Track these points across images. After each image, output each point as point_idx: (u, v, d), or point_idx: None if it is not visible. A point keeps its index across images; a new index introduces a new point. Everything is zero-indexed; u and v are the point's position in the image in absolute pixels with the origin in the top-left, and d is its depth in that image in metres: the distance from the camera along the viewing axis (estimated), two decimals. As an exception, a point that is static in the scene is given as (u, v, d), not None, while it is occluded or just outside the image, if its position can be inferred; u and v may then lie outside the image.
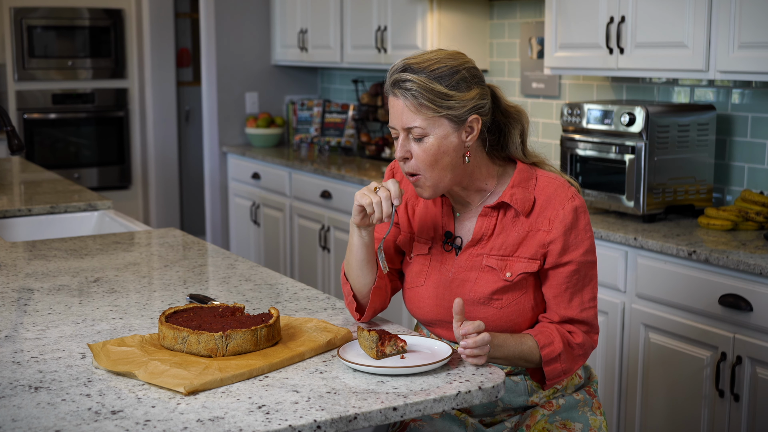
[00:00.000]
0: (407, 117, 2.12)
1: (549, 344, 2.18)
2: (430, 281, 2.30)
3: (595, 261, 2.25)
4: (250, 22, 6.63)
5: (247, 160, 6.38)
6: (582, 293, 2.23)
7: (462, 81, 2.14)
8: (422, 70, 2.12)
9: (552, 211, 2.20)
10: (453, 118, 2.13)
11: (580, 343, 2.23)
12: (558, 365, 2.20)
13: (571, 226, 2.19)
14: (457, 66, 2.14)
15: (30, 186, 4.56)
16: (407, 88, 2.11)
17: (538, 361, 2.19)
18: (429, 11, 5.01)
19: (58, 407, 1.73)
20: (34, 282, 2.70)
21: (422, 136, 2.13)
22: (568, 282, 2.21)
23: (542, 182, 2.24)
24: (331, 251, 5.42)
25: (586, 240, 2.21)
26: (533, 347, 2.17)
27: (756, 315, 3.05)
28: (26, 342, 2.14)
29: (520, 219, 2.22)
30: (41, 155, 7.59)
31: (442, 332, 2.32)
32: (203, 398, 1.78)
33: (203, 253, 3.12)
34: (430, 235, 2.32)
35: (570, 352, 2.21)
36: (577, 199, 2.22)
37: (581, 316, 2.23)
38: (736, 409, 3.13)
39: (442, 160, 2.14)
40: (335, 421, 1.70)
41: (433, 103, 2.10)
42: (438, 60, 2.14)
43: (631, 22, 3.78)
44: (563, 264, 2.20)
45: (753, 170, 3.79)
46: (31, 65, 7.51)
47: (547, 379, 2.21)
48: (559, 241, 2.18)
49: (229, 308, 2.18)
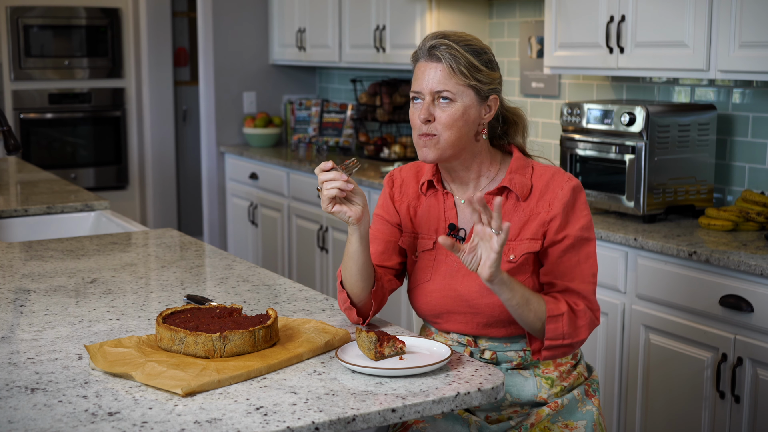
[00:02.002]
0: (440, 80, 2.23)
1: (554, 302, 2.22)
2: (437, 274, 2.32)
3: (592, 239, 2.29)
4: (247, 21, 6.63)
5: (244, 160, 6.37)
6: (580, 267, 2.26)
7: (489, 62, 2.28)
8: (459, 41, 2.24)
9: (551, 194, 2.27)
10: (479, 91, 2.25)
11: (582, 309, 2.24)
12: (560, 325, 2.20)
13: (569, 203, 2.26)
14: (483, 47, 2.29)
15: (26, 186, 4.55)
16: (446, 53, 2.22)
17: (543, 315, 2.19)
18: (428, 10, 5.00)
19: (55, 409, 1.72)
20: (31, 283, 2.69)
21: (449, 100, 2.23)
22: (564, 255, 2.25)
23: (539, 170, 2.32)
24: (330, 252, 5.41)
25: (582, 217, 2.27)
26: (541, 300, 2.21)
27: (757, 316, 3.04)
28: (22, 343, 2.13)
29: (520, 205, 2.28)
30: (38, 155, 7.58)
31: (450, 325, 2.33)
32: (201, 400, 1.77)
33: (201, 253, 3.12)
34: (434, 229, 2.36)
35: (573, 318, 2.23)
36: (574, 180, 2.30)
37: (579, 287, 2.25)
38: (736, 411, 3.12)
39: (461, 126, 2.24)
40: (333, 422, 1.69)
41: (467, 70, 2.22)
42: (469, 38, 2.28)
43: (632, 21, 3.77)
44: (560, 240, 2.25)
45: (754, 170, 3.78)
46: (27, 65, 7.49)
47: (547, 338, 2.21)
48: (558, 218, 2.25)
49: (226, 309, 2.17)
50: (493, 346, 2.30)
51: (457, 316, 2.30)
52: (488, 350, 2.29)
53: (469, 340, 2.31)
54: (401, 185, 2.43)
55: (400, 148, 5.65)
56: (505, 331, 2.28)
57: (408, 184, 2.43)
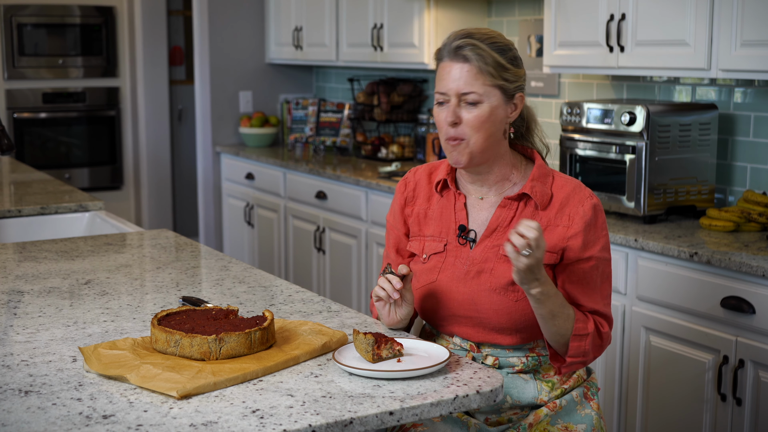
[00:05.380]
0: (467, 81, 2.20)
1: (583, 320, 2.23)
2: (443, 276, 2.30)
3: (610, 258, 2.30)
4: (243, 20, 6.61)
5: (240, 160, 6.35)
6: (602, 288, 2.28)
7: (515, 59, 2.25)
8: (484, 39, 2.21)
9: (572, 208, 2.24)
10: (505, 90, 2.22)
11: (607, 332, 2.28)
12: (584, 345, 2.22)
13: (590, 222, 2.24)
14: (508, 44, 2.25)
15: (20, 186, 4.54)
16: (472, 52, 2.19)
17: (569, 332, 2.20)
18: (426, 9, 4.98)
19: (49, 412, 1.72)
20: (24, 284, 2.68)
21: (476, 102, 2.20)
22: (590, 277, 2.25)
23: (559, 181, 2.30)
24: (327, 253, 5.39)
25: (602, 237, 2.27)
26: (572, 315, 2.21)
27: (759, 318, 3.03)
28: (16, 345, 2.12)
29: (538, 213, 2.26)
30: (31, 155, 7.55)
31: (454, 328, 2.32)
32: (196, 402, 1.77)
33: (196, 254, 3.11)
34: (445, 231, 2.34)
35: (597, 339, 2.25)
36: (595, 197, 2.28)
37: (604, 309, 2.28)
38: (738, 414, 3.11)
39: (489, 128, 2.22)
40: (331, 425, 1.69)
41: (495, 69, 2.19)
42: (494, 35, 2.24)
43: (632, 20, 3.75)
44: (585, 259, 2.24)
45: (755, 170, 3.76)
46: (21, 63, 7.46)
47: (569, 356, 2.22)
48: (580, 237, 2.22)
49: (222, 311, 2.17)
50: (496, 353, 2.28)
51: (461, 319, 2.29)
52: (491, 356, 2.27)
53: (472, 346, 2.29)
54: (414, 189, 2.43)
55: (398, 148, 5.63)
56: (510, 339, 2.26)
57: (421, 186, 2.42)
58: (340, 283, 5.28)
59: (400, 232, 2.43)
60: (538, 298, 2.12)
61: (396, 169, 5.10)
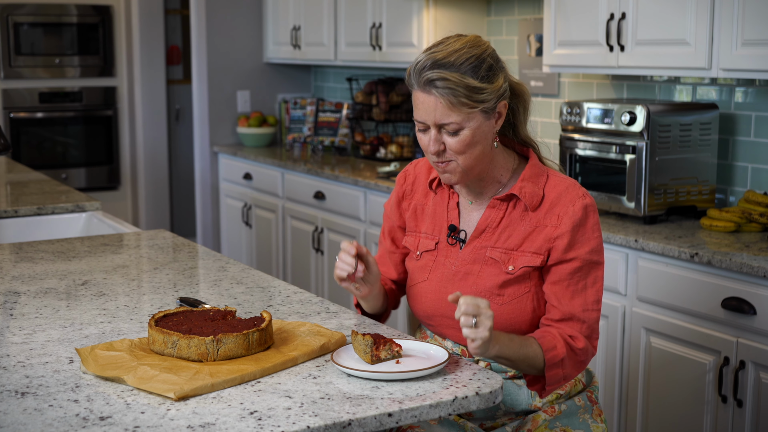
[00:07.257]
0: (441, 114, 2.12)
1: (552, 348, 2.15)
2: (434, 275, 2.30)
3: (601, 263, 2.21)
4: (241, 19, 6.60)
5: (238, 160, 6.34)
6: (585, 293, 2.19)
7: (489, 71, 2.14)
8: (452, 65, 2.11)
9: (562, 208, 2.19)
10: (484, 110, 2.14)
11: (583, 348, 2.19)
12: (560, 371, 2.17)
13: (579, 222, 2.18)
14: (481, 55, 2.14)
15: (16, 187, 4.53)
16: (442, 86, 2.10)
17: (542, 365, 2.15)
18: (425, 8, 4.97)
19: (45, 413, 1.72)
20: (21, 285, 2.68)
21: (457, 130, 2.14)
22: (570, 279, 2.18)
23: (553, 180, 2.24)
24: (325, 253, 5.38)
25: (593, 239, 2.19)
26: (537, 351, 2.14)
27: (760, 319, 3.02)
28: (12, 346, 2.12)
29: (528, 214, 2.22)
30: (28, 155, 7.54)
31: (445, 330, 2.30)
32: (194, 404, 1.76)
33: (194, 255, 3.10)
34: (437, 230, 2.33)
35: (573, 358, 2.18)
36: (588, 198, 2.22)
37: (583, 315, 2.19)
38: (739, 415, 3.10)
39: (475, 148, 2.16)
40: (329, 427, 1.69)
41: (469, 99, 2.11)
42: (463, 51, 2.13)
43: (632, 19, 3.74)
44: (567, 260, 2.18)
45: (756, 170, 3.76)
46: (17, 63, 7.45)
47: (547, 385, 2.18)
48: (566, 237, 2.17)
49: (220, 312, 2.16)
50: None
51: (451, 321, 2.27)
52: (483, 361, 2.25)
53: (464, 350, 2.27)
54: (413, 182, 2.42)
55: (397, 147, 5.62)
56: None
57: (419, 180, 2.41)
58: (338, 284, 5.26)
59: (395, 224, 2.43)
60: (498, 354, 2.07)
61: (395, 169, 5.09)
